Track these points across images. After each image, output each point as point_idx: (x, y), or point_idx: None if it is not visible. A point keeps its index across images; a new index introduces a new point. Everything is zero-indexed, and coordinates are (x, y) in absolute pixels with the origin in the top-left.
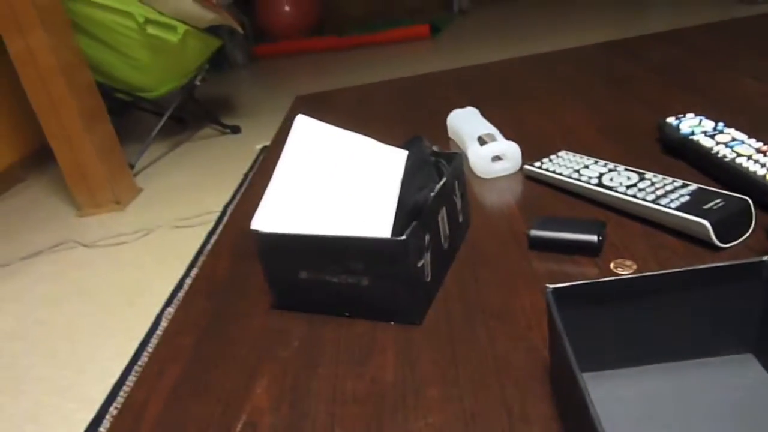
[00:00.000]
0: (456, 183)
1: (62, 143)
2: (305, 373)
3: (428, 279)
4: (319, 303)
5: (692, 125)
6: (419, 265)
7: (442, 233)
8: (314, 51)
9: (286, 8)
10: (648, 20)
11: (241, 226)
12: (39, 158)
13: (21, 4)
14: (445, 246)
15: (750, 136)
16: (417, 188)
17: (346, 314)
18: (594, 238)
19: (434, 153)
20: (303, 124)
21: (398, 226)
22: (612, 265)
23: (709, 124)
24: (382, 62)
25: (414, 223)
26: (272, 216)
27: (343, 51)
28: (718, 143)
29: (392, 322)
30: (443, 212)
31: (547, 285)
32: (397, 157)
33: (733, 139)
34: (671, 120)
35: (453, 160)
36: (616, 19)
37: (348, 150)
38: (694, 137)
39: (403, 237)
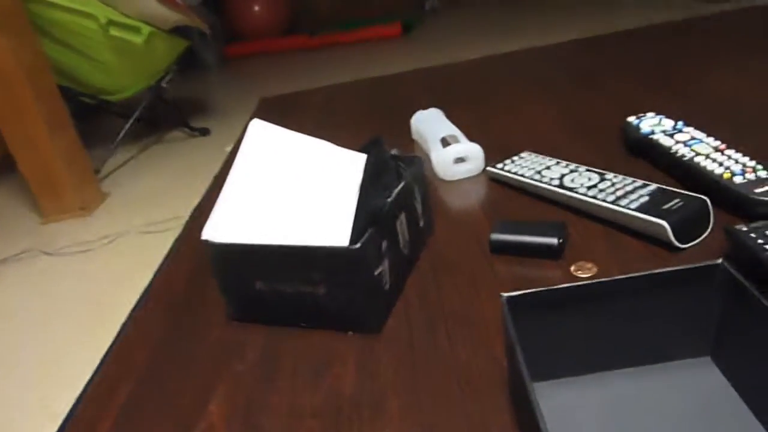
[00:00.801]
0: (416, 187)
1: (26, 149)
2: (262, 387)
3: (387, 287)
4: (276, 314)
5: (653, 124)
6: (377, 273)
7: (401, 239)
8: (286, 50)
9: (257, 8)
10: (617, 20)
11: (198, 235)
12: (2, 164)
13: None
14: (405, 252)
15: (709, 135)
16: (375, 194)
17: (304, 324)
18: (554, 241)
19: (393, 156)
20: (257, 129)
21: (356, 234)
22: (572, 268)
23: (668, 123)
24: (354, 61)
25: (370, 229)
26: (224, 225)
27: (314, 50)
28: (677, 142)
29: (350, 332)
30: (402, 217)
31: (501, 293)
32: (356, 162)
33: (692, 138)
34: (632, 119)
35: (413, 163)
36: (587, 19)
37: (305, 155)
38: (654, 137)
39: (359, 245)
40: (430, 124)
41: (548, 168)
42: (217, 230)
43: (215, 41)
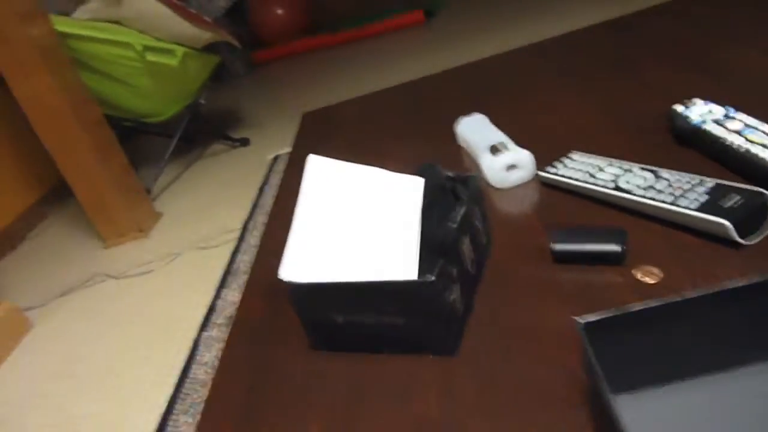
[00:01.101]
0: (476, 207)
1: (79, 179)
2: (352, 414)
3: (459, 311)
4: (356, 342)
5: (702, 113)
6: (451, 300)
7: (467, 260)
8: (310, 50)
9: (279, 11)
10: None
11: (268, 264)
12: (58, 194)
13: (22, 47)
14: (472, 271)
15: (763, 121)
16: (437, 219)
17: (384, 351)
18: (618, 248)
19: (449, 178)
20: (315, 165)
21: (425, 262)
22: (639, 275)
23: (719, 111)
24: (380, 54)
25: (441, 261)
26: (298, 264)
27: (338, 47)
28: (729, 131)
29: (430, 356)
30: (466, 240)
31: (577, 320)
32: (414, 186)
33: (746, 126)
34: (679, 108)
35: (469, 183)
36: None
37: (363, 185)
38: (705, 126)
39: (432, 278)
40: (476, 131)
41: (601, 169)
42: (293, 270)
43: (243, 50)
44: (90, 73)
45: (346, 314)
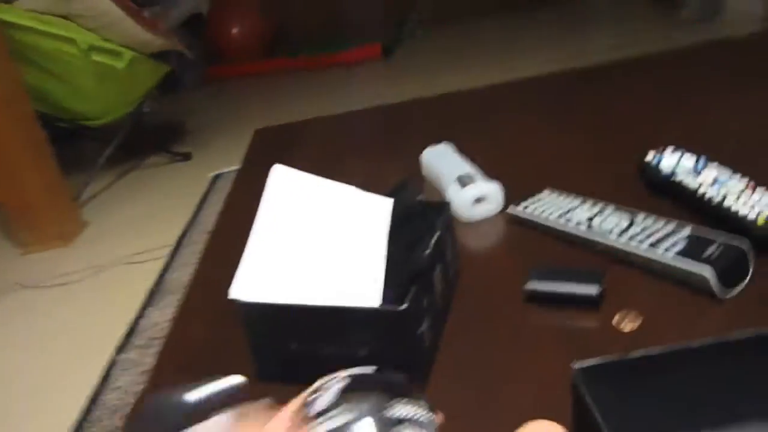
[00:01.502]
0: (449, 237)
1: (3, 178)
2: None
3: (427, 344)
4: (309, 374)
5: (672, 163)
6: (419, 332)
7: (437, 293)
8: (266, 72)
9: (236, 29)
10: (592, 45)
11: (208, 284)
12: None
13: None
14: (440, 304)
15: (735, 172)
16: (405, 245)
17: None
18: (594, 290)
19: (420, 202)
20: (279, 176)
21: (392, 289)
22: (616, 320)
23: (690, 161)
24: (336, 84)
25: (413, 288)
26: (252, 282)
27: (295, 72)
28: (701, 184)
29: None
30: (438, 269)
31: (573, 366)
32: (382, 207)
33: (715, 180)
34: (651, 158)
35: (442, 210)
36: (562, 43)
37: (330, 201)
38: (678, 178)
39: (405, 305)
40: (443, 161)
41: (574, 209)
42: (246, 288)
43: (195, 63)
44: (28, 66)
45: (301, 341)
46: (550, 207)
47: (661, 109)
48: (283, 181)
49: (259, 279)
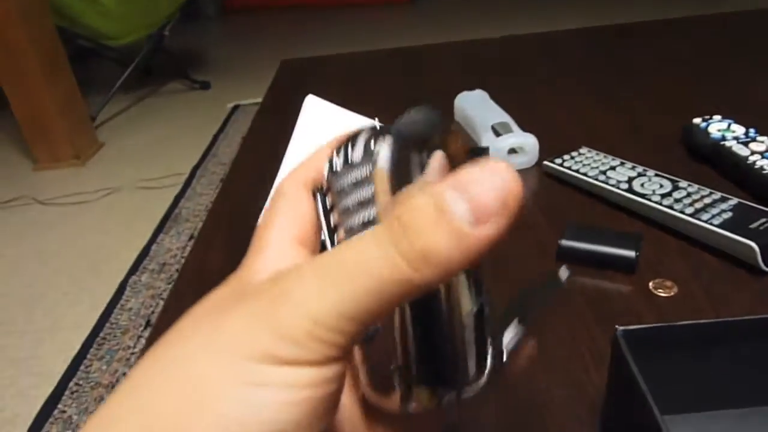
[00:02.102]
0: None
1: (19, 92)
2: None
3: None
4: None
5: (721, 129)
6: None
7: None
8: (286, 6)
9: None
10: (635, 5)
11: (231, 210)
12: None
13: None
14: None
15: None
16: None
17: None
18: (632, 253)
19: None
20: (313, 105)
21: None
22: (651, 285)
23: (739, 129)
24: (361, 24)
25: None
26: None
27: (318, 9)
28: (753, 153)
29: None
30: None
31: (617, 326)
32: None
33: None
34: (698, 122)
35: (481, 155)
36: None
37: None
38: (726, 143)
39: None
40: (477, 108)
41: (613, 168)
42: None
43: None
44: None
45: None
46: (587, 165)
47: (704, 74)
48: (317, 111)
49: None
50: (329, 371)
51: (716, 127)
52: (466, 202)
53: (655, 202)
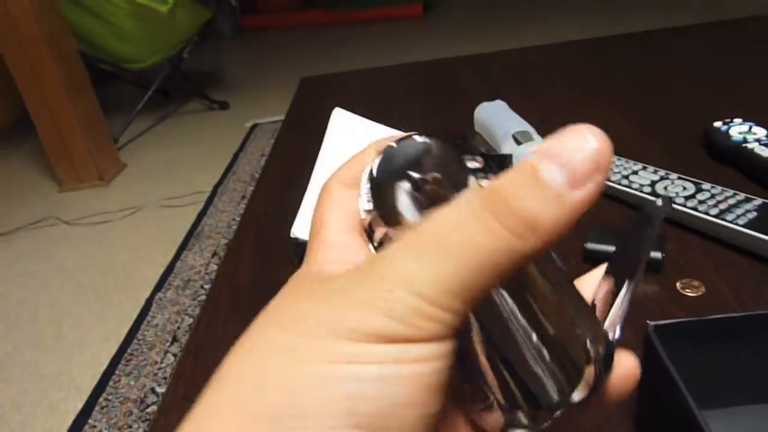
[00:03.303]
0: None
1: (44, 114)
2: None
3: None
4: None
5: (743, 131)
6: None
7: None
8: (301, 25)
9: None
10: (640, 15)
11: (261, 221)
12: (18, 128)
13: None
14: None
15: None
16: None
17: None
18: (658, 254)
19: (483, 155)
20: (340, 118)
21: None
22: (678, 285)
23: (760, 131)
24: (373, 40)
25: None
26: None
27: (330, 26)
28: None
29: None
30: None
31: (648, 321)
32: None
33: None
34: (719, 125)
35: (504, 163)
36: (609, 8)
37: None
38: (748, 145)
39: None
40: (497, 117)
41: (635, 173)
42: (308, 227)
43: (232, 12)
44: (72, 4)
45: None
46: (610, 170)
47: (720, 78)
48: (344, 124)
49: None
50: (437, 348)
51: (737, 129)
52: (562, 168)
53: (680, 204)
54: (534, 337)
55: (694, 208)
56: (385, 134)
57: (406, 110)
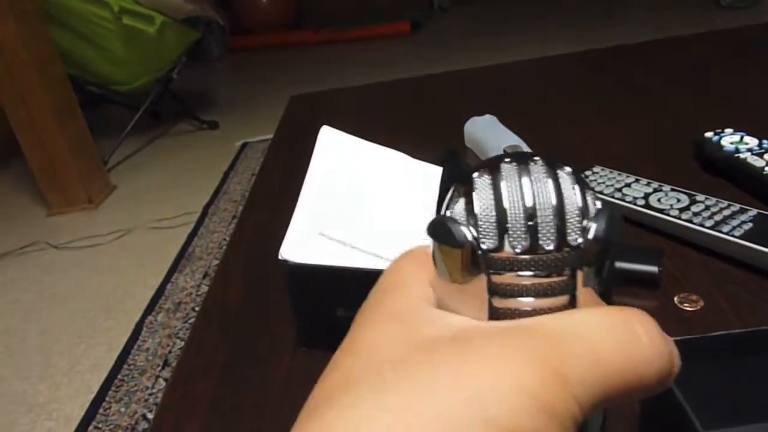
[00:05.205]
0: None
1: (32, 139)
2: None
3: None
4: None
5: (734, 142)
6: None
7: None
8: (290, 45)
9: (263, 0)
10: (628, 33)
11: (250, 245)
12: (4, 152)
13: None
14: None
15: None
16: None
17: None
18: (654, 269)
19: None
20: (328, 137)
21: None
22: (676, 300)
23: (752, 141)
24: (362, 59)
25: None
26: (302, 243)
27: (320, 46)
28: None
29: None
30: None
31: None
32: (433, 175)
33: None
34: (710, 135)
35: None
36: (596, 25)
37: (379, 166)
38: (740, 155)
39: None
40: (487, 132)
41: (628, 185)
42: (296, 249)
43: (221, 33)
44: (60, 28)
45: (348, 307)
46: (602, 183)
47: (709, 89)
48: (332, 143)
49: (309, 241)
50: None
51: (729, 140)
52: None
53: (674, 217)
54: None
55: (689, 221)
56: (374, 152)
57: (396, 126)
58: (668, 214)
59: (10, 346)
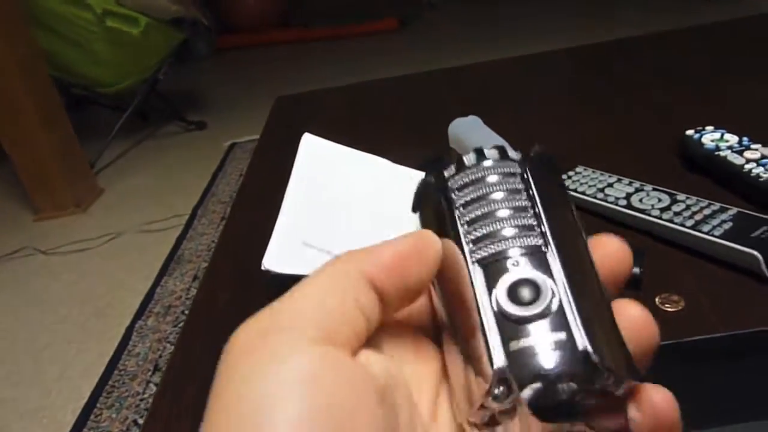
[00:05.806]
0: None
1: (18, 142)
2: None
3: None
4: None
5: (714, 139)
6: None
7: None
8: (280, 43)
9: None
10: (617, 20)
11: (237, 247)
12: None
13: None
14: None
15: None
16: None
17: None
18: (636, 270)
19: None
20: (310, 145)
21: None
22: (657, 301)
23: (732, 139)
24: (350, 56)
25: None
26: (285, 253)
27: (309, 43)
28: (748, 161)
29: None
30: None
31: None
32: (415, 180)
33: (763, 157)
34: (692, 133)
35: None
36: (585, 20)
37: (362, 174)
38: (721, 153)
39: None
40: (472, 133)
41: (610, 185)
42: (278, 258)
43: (208, 32)
44: (43, 30)
45: None
46: (584, 183)
47: (692, 86)
48: (314, 151)
49: (292, 251)
50: None
51: (709, 137)
52: None
53: (655, 217)
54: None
55: (670, 220)
56: (356, 159)
57: (381, 128)
58: (649, 214)
59: (0, 353)
